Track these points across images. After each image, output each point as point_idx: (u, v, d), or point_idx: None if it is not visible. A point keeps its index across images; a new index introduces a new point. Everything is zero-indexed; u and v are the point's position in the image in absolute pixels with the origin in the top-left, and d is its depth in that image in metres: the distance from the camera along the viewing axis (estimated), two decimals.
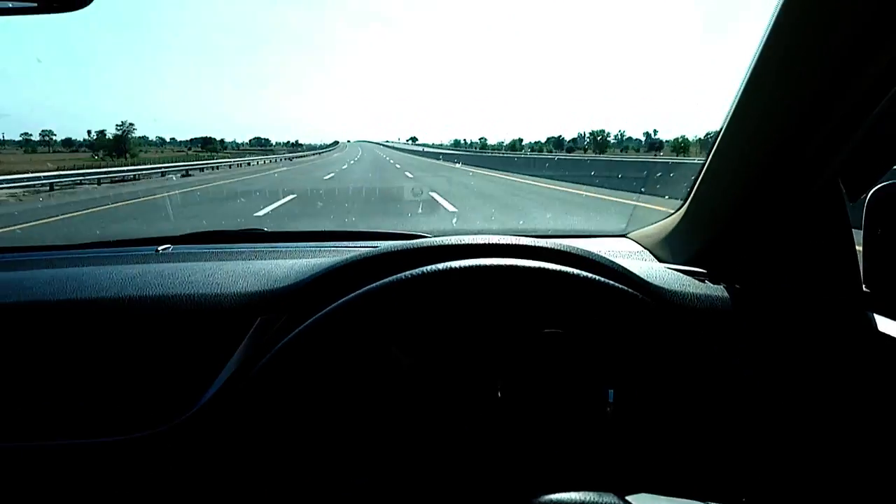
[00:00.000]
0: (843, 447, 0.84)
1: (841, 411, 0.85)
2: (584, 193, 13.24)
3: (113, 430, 0.81)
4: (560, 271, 0.74)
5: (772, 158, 0.89)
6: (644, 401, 0.88)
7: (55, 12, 0.91)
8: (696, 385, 0.78)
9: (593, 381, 0.90)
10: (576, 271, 0.74)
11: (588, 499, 0.71)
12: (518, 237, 0.87)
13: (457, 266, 0.75)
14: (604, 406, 0.90)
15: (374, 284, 0.75)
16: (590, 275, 0.74)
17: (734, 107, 0.92)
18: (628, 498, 0.72)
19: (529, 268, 0.74)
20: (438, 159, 40.03)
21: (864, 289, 0.94)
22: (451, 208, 9.47)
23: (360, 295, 0.74)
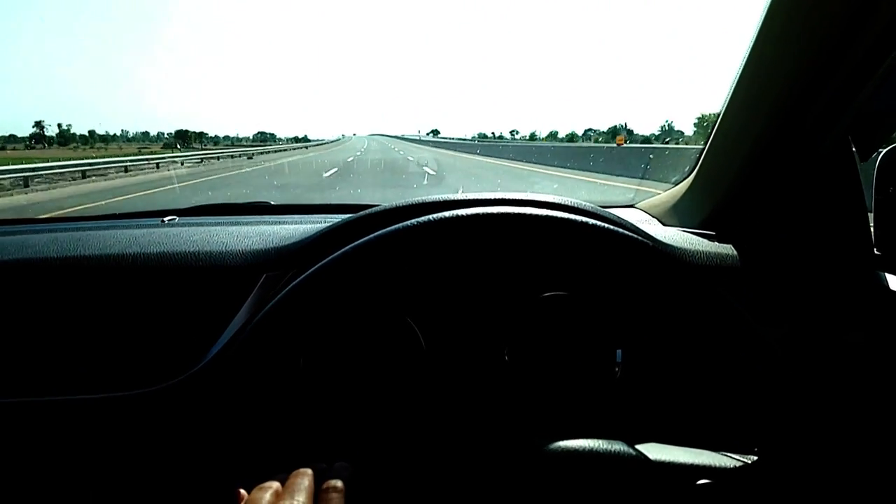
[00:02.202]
0: (853, 403, 0.84)
1: (851, 367, 0.85)
2: None
3: (119, 386, 0.80)
4: (570, 219, 0.73)
5: (780, 118, 0.88)
6: (653, 359, 0.87)
7: None
8: (705, 340, 0.77)
9: (601, 342, 0.89)
10: (585, 219, 0.73)
11: (598, 446, 0.70)
12: (525, 193, 0.86)
13: (464, 214, 0.74)
14: (612, 366, 0.89)
15: (379, 232, 0.74)
16: (601, 223, 0.73)
17: (741, 67, 0.92)
18: (638, 446, 0.72)
19: (539, 216, 0.73)
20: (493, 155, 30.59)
21: (875, 250, 0.93)
22: None
23: (366, 241, 0.73)
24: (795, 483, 0.68)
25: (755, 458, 0.70)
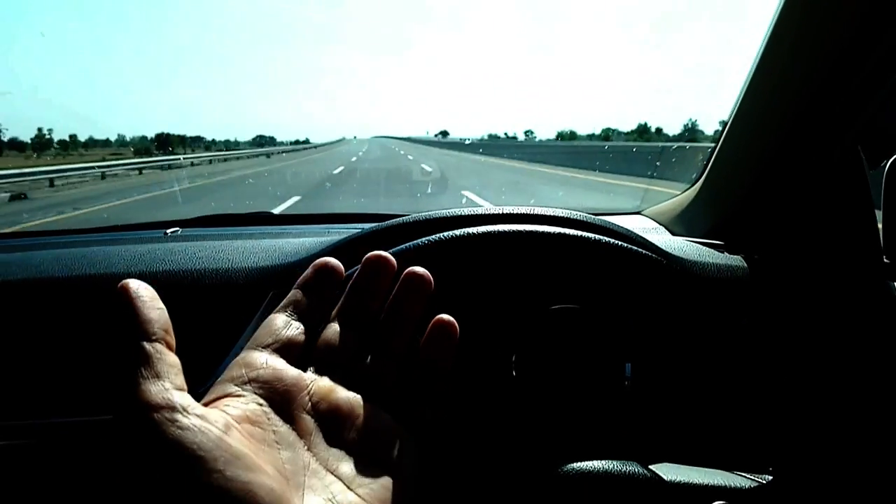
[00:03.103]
0: (865, 416, 0.83)
1: (862, 380, 0.84)
2: None
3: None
4: (581, 237, 0.72)
5: (789, 127, 0.87)
6: (663, 373, 0.87)
7: None
8: (716, 355, 0.77)
9: (610, 356, 0.89)
10: (597, 236, 0.72)
11: (612, 467, 0.70)
12: (533, 207, 0.86)
13: (474, 232, 0.73)
14: (621, 381, 0.88)
15: (387, 251, 0.73)
16: (611, 240, 0.72)
17: (750, 76, 0.91)
18: (651, 467, 0.71)
19: (549, 233, 0.73)
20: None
21: (885, 259, 0.93)
22: None
23: None
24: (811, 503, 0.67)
25: (770, 477, 0.69)
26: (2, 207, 12.31)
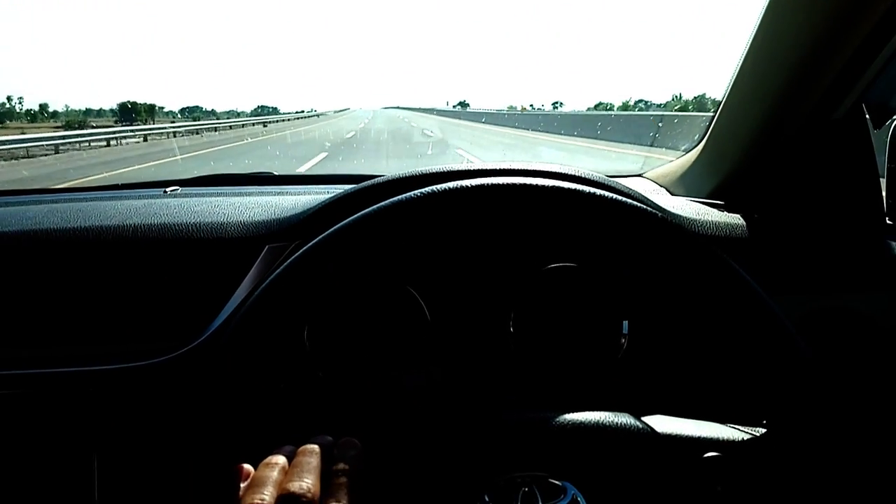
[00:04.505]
0: (862, 370, 0.83)
1: (861, 335, 0.84)
2: None
3: (119, 359, 0.80)
4: (577, 190, 0.71)
5: (792, 85, 0.86)
6: (660, 330, 0.87)
7: None
8: (712, 311, 0.76)
9: (607, 314, 0.89)
10: (592, 190, 0.71)
11: (604, 418, 0.70)
12: (530, 163, 0.85)
13: (468, 184, 0.72)
14: (618, 338, 0.88)
15: (383, 203, 0.73)
16: (608, 194, 0.71)
17: (753, 34, 0.90)
18: (644, 419, 0.71)
19: (546, 187, 0.72)
20: None
21: (888, 220, 0.92)
22: None
23: (370, 211, 0.72)
24: (805, 456, 0.67)
25: (763, 430, 0.69)
26: None
